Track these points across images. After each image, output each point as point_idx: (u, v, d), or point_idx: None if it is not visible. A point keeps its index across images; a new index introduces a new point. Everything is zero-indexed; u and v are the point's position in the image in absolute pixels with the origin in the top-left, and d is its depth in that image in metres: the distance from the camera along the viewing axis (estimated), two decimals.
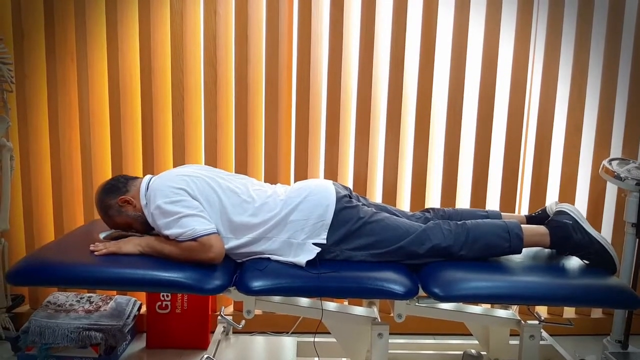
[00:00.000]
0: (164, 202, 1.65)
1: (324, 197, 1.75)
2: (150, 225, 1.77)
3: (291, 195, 1.77)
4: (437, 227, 1.74)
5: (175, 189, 1.68)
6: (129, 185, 1.81)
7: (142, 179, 1.83)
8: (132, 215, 1.78)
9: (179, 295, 2.44)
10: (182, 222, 1.62)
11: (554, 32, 2.50)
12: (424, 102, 2.52)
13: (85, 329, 2.21)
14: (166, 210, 1.64)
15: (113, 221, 1.81)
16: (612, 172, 2.30)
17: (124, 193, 1.79)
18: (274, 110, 2.50)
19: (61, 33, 2.46)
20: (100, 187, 1.83)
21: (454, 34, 2.49)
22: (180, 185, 1.69)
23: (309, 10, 2.45)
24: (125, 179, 1.84)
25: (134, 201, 1.78)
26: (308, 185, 1.81)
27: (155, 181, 1.75)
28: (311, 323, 1.89)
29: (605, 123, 2.55)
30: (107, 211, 1.80)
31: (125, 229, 1.83)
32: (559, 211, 1.80)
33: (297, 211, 1.73)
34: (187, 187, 1.70)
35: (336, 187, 1.81)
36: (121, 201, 1.78)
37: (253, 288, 1.58)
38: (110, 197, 1.79)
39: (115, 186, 1.81)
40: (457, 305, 1.88)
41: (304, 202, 1.74)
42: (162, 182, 1.72)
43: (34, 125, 2.52)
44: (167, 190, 1.68)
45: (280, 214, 1.73)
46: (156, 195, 1.68)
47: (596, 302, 1.69)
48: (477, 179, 2.57)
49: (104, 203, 1.80)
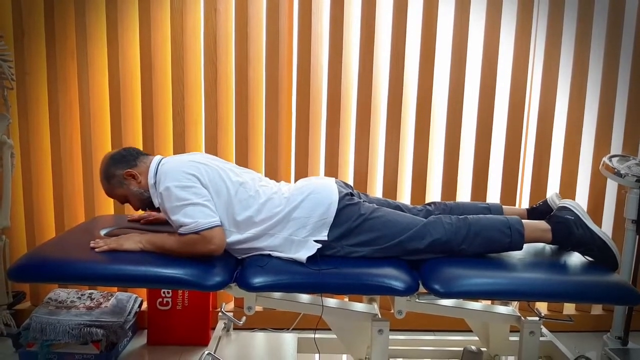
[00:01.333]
0: (174, 185, 1.65)
1: (327, 195, 1.75)
2: (146, 203, 1.78)
3: (294, 193, 1.78)
4: (438, 222, 1.75)
5: (188, 174, 1.68)
6: (139, 161, 1.81)
7: (153, 157, 1.83)
8: (133, 190, 1.78)
9: (180, 292, 2.44)
10: (187, 210, 1.62)
11: (554, 30, 2.50)
12: (424, 99, 2.52)
13: (87, 325, 2.22)
14: (175, 194, 1.64)
15: (112, 190, 1.81)
16: (612, 168, 2.30)
17: (132, 167, 1.79)
18: (275, 108, 2.50)
19: (61, 31, 2.46)
20: (110, 154, 1.83)
21: (454, 32, 2.49)
22: (192, 172, 1.69)
23: (309, 8, 2.45)
24: (136, 153, 1.84)
25: (140, 177, 1.78)
26: (311, 183, 1.82)
27: (168, 163, 1.75)
28: (312, 319, 1.89)
29: (605, 120, 2.55)
30: (110, 179, 1.79)
31: (120, 201, 1.83)
32: (561, 207, 1.80)
33: (300, 209, 1.73)
34: (198, 174, 1.70)
35: (339, 186, 1.82)
36: (127, 174, 1.77)
37: (254, 284, 1.59)
38: (117, 166, 1.79)
39: (126, 157, 1.81)
40: (457, 302, 1.88)
41: (306, 200, 1.75)
42: (175, 165, 1.72)
43: (35, 122, 2.52)
44: (179, 174, 1.68)
45: (284, 211, 1.73)
46: (167, 177, 1.68)
47: (596, 299, 1.69)
48: (477, 175, 2.57)
49: (109, 171, 1.79)
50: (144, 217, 2.03)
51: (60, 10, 2.44)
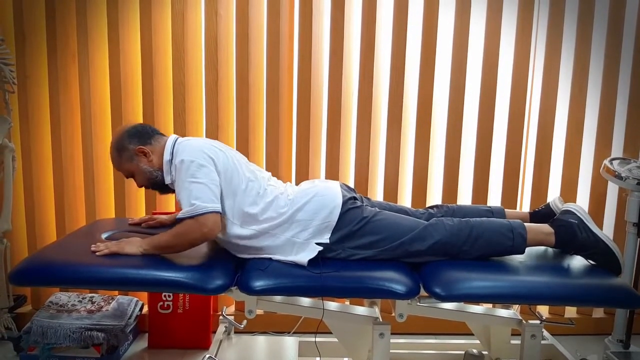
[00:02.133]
0: (190, 160, 1.65)
1: (331, 199, 1.76)
2: (152, 182, 1.79)
3: (299, 195, 1.78)
4: (440, 224, 1.75)
5: (206, 155, 1.68)
6: (154, 139, 1.81)
7: (168, 137, 1.83)
8: (142, 167, 1.78)
9: (181, 295, 2.44)
10: (194, 189, 1.62)
11: (554, 33, 2.50)
12: (425, 101, 2.52)
13: (88, 329, 2.21)
14: (189, 169, 1.64)
15: (120, 163, 1.81)
16: (613, 171, 2.30)
17: (146, 144, 1.79)
18: (275, 110, 2.50)
19: (62, 34, 2.46)
20: (127, 126, 1.83)
21: (454, 36, 2.49)
22: (210, 154, 1.70)
23: (310, 11, 2.45)
24: (152, 131, 1.84)
25: (152, 156, 1.78)
26: (315, 185, 1.82)
27: (188, 140, 1.77)
28: (313, 323, 1.89)
29: (606, 123, 2.55)
30: (121, 152, 1.79)
31: (125, 175, 1.83)
32: (564, 210, 1.80)
33: (303, 211, 1.73)
34: (215, 159, 1.70)
35: (343, 190, 1.82)
36: (139, 150, 1.77)
37: (255, 288, 1.59)
38: (131, 141, 1.79)
39: (142, 133, 1.81)
40: (459, 305, 1.88)
41: (310, 202, 1.75)
42: (196, 143, 1.73)
43: (36, 125, 2.52)
44: (198, 153, 1.68)
45: (288, 213, 1.73)
46: (185, 151, 1.69)
47: (597, 302, 1.69)
48: (478, 178, 2.57)
49: (122, 143, 1.79)
50: (145, 221, 2.03)
51: (61, 14, 2.45)
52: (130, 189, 2.56)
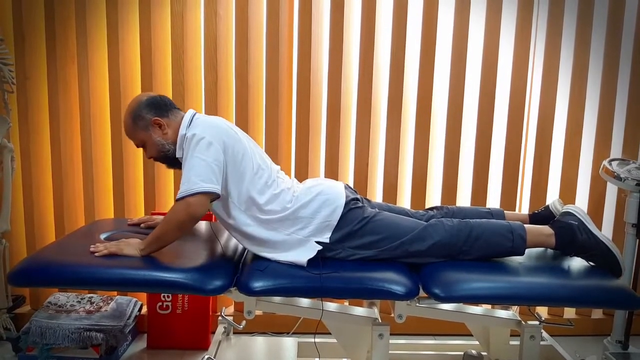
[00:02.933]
0: (200, 136, 1.65)
1: (334, 198, 1.76)
2: (163, 155, 1.78)
3: (303, 192, 1.78)
4: (440, 224, 1.75)
5: (217, 134, 1.68)
6: (171, 113, 1.81)
7: (185, 112, 1.83)
8: (155, 138, 1.77)
9: (180, 296, 2.44)
10: (196, 164, 1.62)
11: (554, 34, 2.50)
12: (424, 102, 2.52)
13: (86, 329, 2.21)
14: (197, 145, 1.64)
15: (133, 131, 1.79)
16: (612, 172, 2.30)
17: (163, 116, 1.78)
18: (275, 111, 2.50)
19: (62, 34, 2.46)
20: (145, 95, 1.81)
21: (454, 36, 2.49)
22: (222, 133, 1.69)
23: (309, 11, 2.45)
24: (171, 104, 1.83)
25: (167, 129, 1.77)
26: (320, 184, 1.82)
27: (207, 117, 1.77)
28: (312, 323, 1.89)
29: (605, 123, 2.56)
30: (136, 120, 1.77)
31: (137, 144, 1.82)
32: (564, 212, 1.80)
33: (306, 208, 1.74)
34: (227, 138, 1.69)
35: (346, 190, 1.82)
36: (155, 121, 1.77)
37: (254, 289, 1.59)
38: (149, 110, 1.77)
39: (160, 104, 1.80)
40: (458, 306, 1.88)
41: (314, 200, 1.75)
42: (212, 121, 1.74)
43: (35, 126, 2.52)
44: (210, 130, 1.68)
45: (291, 209, 1.73)
46: (198, 126, 1.70)
47: (596, 303, 1.69)
48: (477, 178, 2.57)
49: (139, 112, 1.77)
50: (144, 221, 2.02)
51: (61, 14, 2.45)
52: (129, 190, 2.56)
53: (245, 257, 1.82)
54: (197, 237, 1.95)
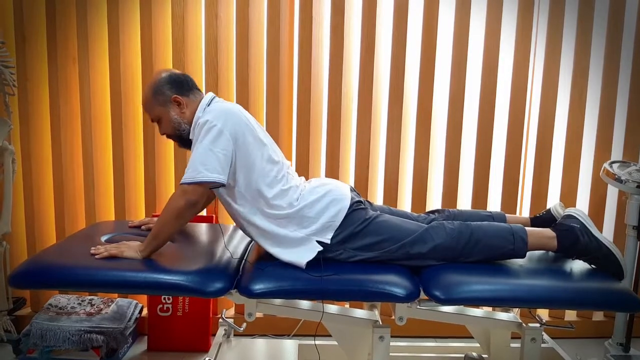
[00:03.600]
0: (212, 123, 1.64)
1: (340, 199, 1.76)
2: (177, 134, 1.79)
3: (309, 191, 1.78)
4: (441, 227, 1.75)
5: (229, 122, 1.67)
6: (192, 93, 1.81)
7: (205, 94, 1.83)
8: (172, 116, 1.77)
9: (180, 298, 2.44)
10: (202, 152, 1.62)
11: (554, 37, 2.50)
12: (425, 105, 2.53)
13: (87, 331, 2.21)
14: (208, 132, 1.64)
15: (151, 105, 1.79)
16: (613, 174, 2.30)
17: (183, 95, 1.78)
18: (275, 113, 2.51)
19: (63, 37, 2.47)
20: (169, 71, 1.81)
21: (454, 40, 2.50)
22: (235, 125, 1.68)
23: (309, 14, 2.45)
24: (193, 84, 1.83)
25: (185, 108, 1.78)
26: (327, 184, 1.82)
27: (222, 103, 1.76)
28: (312, 325, 1.89)
29: (606, 126, 2.56)
30: (156, 94, 1.77)
31: (152, 119, 1.82)
32: (566, 215, 1.80)
33: (311, 208, 1.73)
34: (238, 129, 1.68)
35: (352, 193, 1.82)
36: (174, 99, 1.77)
37: (255, 291, 1.59)
38: (171, 87, 1.78)
39: (183, 83, 1.80)
40: (458, 308, 1.88)
41: (320, 200, 1.75)
42: (227, 108, 1.72)
43: (36, 128, 2.52)
44: (223, 117, 1.67)
45: (296, 207, 1.73)
46: (212, 112, 1.69)
47: (597, 305, 1.69)
48: (478, 181, 2.57)
49: (161, 87, 1.77)
50: (145, 223, 2.03)
51: (62, 17, 2.45)
52: (129, 192, 2.56)
53: (246, 259, 1.82)
54: (198, 239, 1.95)
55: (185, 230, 2.02)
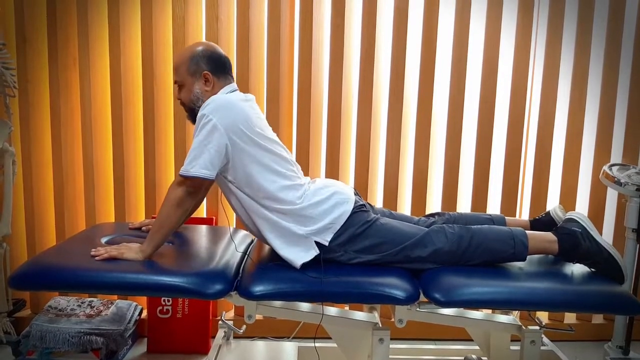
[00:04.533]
0: (210, 117, 1.65)
1: (343, 202, 1.76)
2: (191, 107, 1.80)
3: (313, 192, 1.78)
4: (441, 231, 1.75)
5: (228, 119, 1.67)
6: (223, 77, 1.81)
7: (233, 83, 1.84)
8: (196, 88, 1.78)
9: (180, 300, 2.44)
10: (198, 147, 1.65)
11: (554, 39, 2.51)
12: (424, 107, 2.53)
13: (87, 333, 2.21)
14: (205, 126, 1.65)
15: (182, 71, 1.79)
16: (613, 177, 2.30)
17: (215, 74, 1.79)
18: (276, 116, 2.51)
19: (63, 39, 2.47)
20: (214, 48, 1.81)
21: (454, 42, 2.50)
22: (231, 119, 1.67)
23: (310, 16, 2.46)
24: (228, 69, 1.83)
25: (210, 87, 1.79)
26: (332, 185, 1.82)
27: (228, 98, 1.74)
28: (312, 328, 1.89)
29: (605, 129, 2.56)
30: (191, 63, 1.78)
31: (174, 81, 1.82)
32: (568, 219, 1.80)
33: (315, 208, 1.73)
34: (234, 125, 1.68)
35: (356, 196, 1.82)
36: (205, 75, 1.78)
37: (255, 293, 1.59)
38: (207, 62, 1.78)
39: (219, 64, 1.80)
40: (458, 311, 1.88)
41: (324, 202, 1.75)
42: (230, 103, 1.71)
43: (36, 130, 2.53)
44: (224, 113, 1.67)
45: (298, 205, 1.73)
46: (215, 102, 1.69)
47: (596, 308, 1.69)
48: (478, 184, 2.58)
49: (199, 58, 1.78)
50: (146, 225, 2.03)
51: (63, 19, 2.46)
52: (130, 193, 2.57)
53: (246, 260, 1.82)
54: (197, 241, 1.96)
55: (184, 232, 2.02)
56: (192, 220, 2.38)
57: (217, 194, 2.54)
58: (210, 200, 2.55)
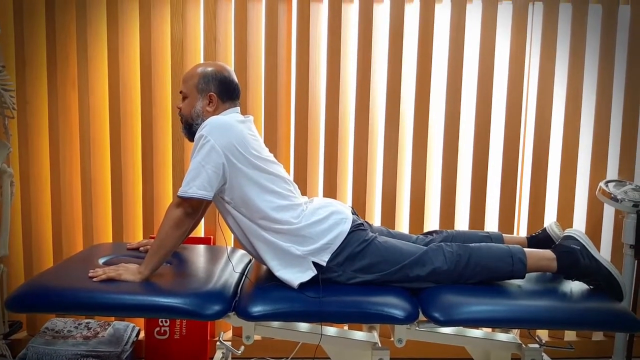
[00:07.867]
0: (207, 139, 1.66)
1: (341, 222, 1.76)
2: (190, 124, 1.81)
3: (311, 212, 1.78)
4: (439, 250, 1.75)
5: (225, 140, 1.68)
6: (228, 102, 1.83)
7: (238, 107, 1.86)
8: (197, 107, 1.80)
9: (178, 321, 2.42)
10: (195, 168, 1.66)
11: (547, 57, 2.54)
12: (421, 127, 2.55)
13: (83, 355, 2.19)
14: (202, 147, 1.67)
15: (191, 83, 1.81)
16: (609, 193, 2.31)
17: (221, 97, 1.81)
18: (273, 133, 2.52)
19: (62, 60, 2.49)
20: (228, 74, 1.83)
21: (449, 60, 2.53)
22: (227, 142, 1.68)
23: (307, 37, 2.49)
24: (236, 96, 1.85)
25: (211, 108, 1.80)
26: (329, 204, 1.82)
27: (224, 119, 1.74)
28: (311, 348, 1.88)
29: (601, 145, 2.58)
30: (201, 80, 1.80)
31: (180, 91, 1.84)
32: (566, 236, 1.80)
33: (312, 228, 1.73)
34: (231, 145, 1.68)
35: (354, 216, 1.83)
36: (212, 96, 1.80)
37: (253, 313, 1.58)
38: (217, 85, 1.80)
39: (228, 90, 1.82)
40: (458, 329, 1.87)
41: (322, 222, 1.75)
42: (226, 124, 1.72)
43: (35, 151, 2.53)
44: (220, 134, 1.68)
45: (295, 225, 1.73)
46: (213, 123, 1.70)
47: (596, 326, 1.68)
48: (475, 200, 2.58)
49: (209, 78, 1.80)
50: (144, 245, 2.02)
51: (62, 40, 2.48)
52: (128, 214, 2.56)
53: (244, 281, 1.82)
54: (195, 262, 1.95)
55: (182, 252, 2.01)
56: (190, 239, 2.37)
57: (215, 214, 2.54)
58: (208, 220, 2.55)
